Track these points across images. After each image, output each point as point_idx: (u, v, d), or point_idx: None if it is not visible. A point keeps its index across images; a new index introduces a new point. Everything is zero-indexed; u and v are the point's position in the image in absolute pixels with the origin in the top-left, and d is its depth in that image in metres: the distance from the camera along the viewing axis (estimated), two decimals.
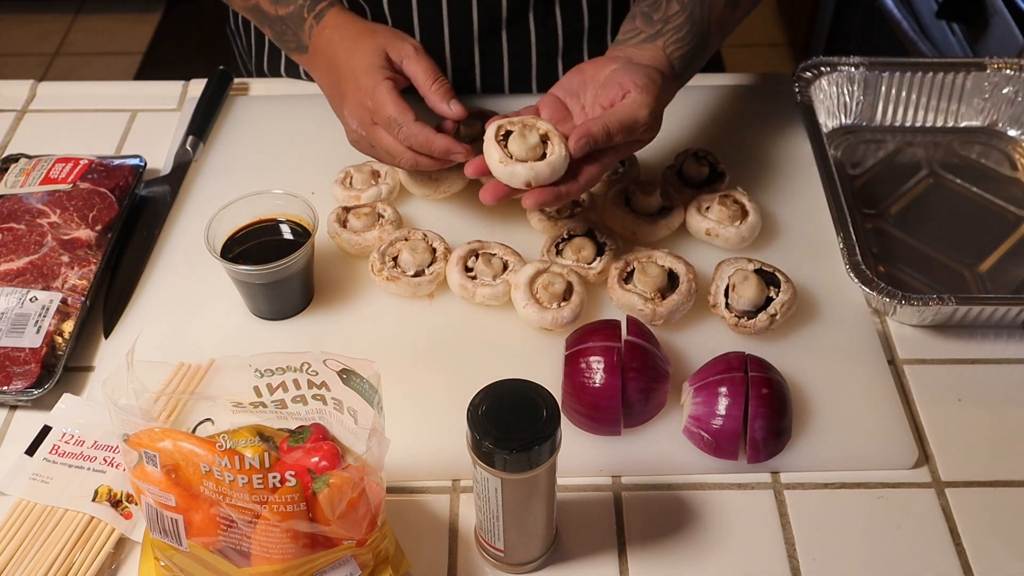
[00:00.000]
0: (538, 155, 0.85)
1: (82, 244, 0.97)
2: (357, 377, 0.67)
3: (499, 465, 0.66)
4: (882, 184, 1.09)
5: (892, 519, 0.79)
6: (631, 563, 0.76)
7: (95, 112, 1.18)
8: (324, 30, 0.94)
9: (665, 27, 0.92)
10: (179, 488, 0.65)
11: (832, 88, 1.12)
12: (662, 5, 0.93)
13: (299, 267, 0.89)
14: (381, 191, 1.01)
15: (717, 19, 0.94)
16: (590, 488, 0.81)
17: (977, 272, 0.99)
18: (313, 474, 0.65)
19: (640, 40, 0.93)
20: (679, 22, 0.92)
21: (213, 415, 0.71)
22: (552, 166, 0.84)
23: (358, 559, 0.68)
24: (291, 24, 0.96)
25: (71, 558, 0.75)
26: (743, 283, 0.89)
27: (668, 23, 0.92)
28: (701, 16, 0.93)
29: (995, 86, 1.12)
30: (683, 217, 0.99)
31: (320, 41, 0.94)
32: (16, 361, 0.87)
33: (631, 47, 0.93)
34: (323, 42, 0.94)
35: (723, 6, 0.94)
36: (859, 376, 0.87)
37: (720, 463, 0.81)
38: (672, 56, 0.92)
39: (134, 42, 3.06)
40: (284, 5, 0.96)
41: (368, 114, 0.90)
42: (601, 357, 0.80)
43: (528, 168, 0.84)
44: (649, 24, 0.93)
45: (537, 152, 0.85)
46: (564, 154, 0.84)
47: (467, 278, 0.92)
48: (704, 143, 1.08)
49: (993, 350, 0.91)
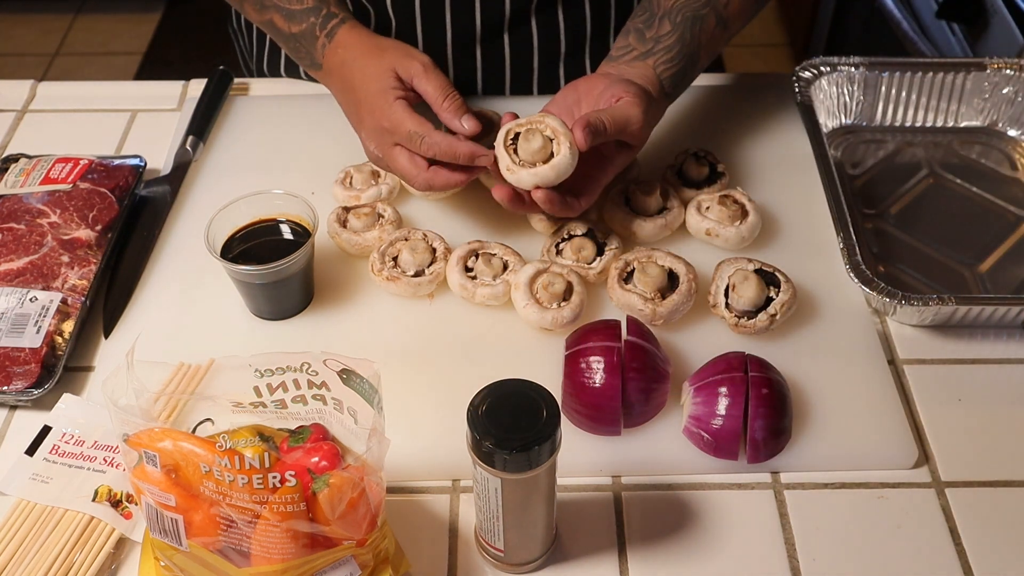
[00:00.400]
0: (546, 156, 0.86)
1: (82, 244, 0.97)
2: (357, 377, 0.67)
3: (499, 465, 0.66)
4: (882, 184, 1.09)
5: (892, 519, 0.79)
6: (631, 563, 0.76)
7: (95, 112, 1.18)
8: (337, 49, 0.94)
9: (656, 46, 0.94)
10: (179, 488, 0.65)
11: (832, 88, 1.12)
12: (655, 23, 0.95)
13: (299, 267, 0.89)
14: (381, 191, 1.01)
15: (707, 39, 0.96)
16: (590, 488, 0.81)
17: (977, 272, 0.99)
18: (313, 474, 0.65)
19: (632, 58, 0.95)
20: (669, 43, 0.94)
21: (213, 415, 0.71)
22: (556, 168, 0.86)
23: (358, 559, 0.68)
24: (304, 42, 0.96)
25: (71, 558, 0.75)
26: (743, 283, 0.89)
27: (659, 43, 0.94)
28: (692, 37, 0.95)
29: (995, 86, 1.12)
30: (683, 217, 0.99)
31: (333, 60, 0.95)
32: (16, 361, 0.87)
33: (623, 64, 0.95)
34: (336, 61, 0.95)
35: (713, 27, 0.96)
36: (859, 376, 0.87)
37: (720, 463, 0.81)
38: (662, 76, 0.94)
39: (134, 42, 3.06)
40: (297, 22, 0.96)
41: (386, 136, 0.90)
42: (601, 357, 0.80)
43: (531, 174, 0.86)
44: (641, 42, 0.95)
45: (544, 153, 0.86)
46: (569, 154, 0.85)
47: (467, 278, 0.92)
48: (704, 143, 1.08)
49: (993, 350, 0.91)
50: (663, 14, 0.95)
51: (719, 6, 0.96)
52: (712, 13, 0.96)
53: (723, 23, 0.97)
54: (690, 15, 0.95)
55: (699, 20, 0.95)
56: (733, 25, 0.98)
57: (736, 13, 0.98)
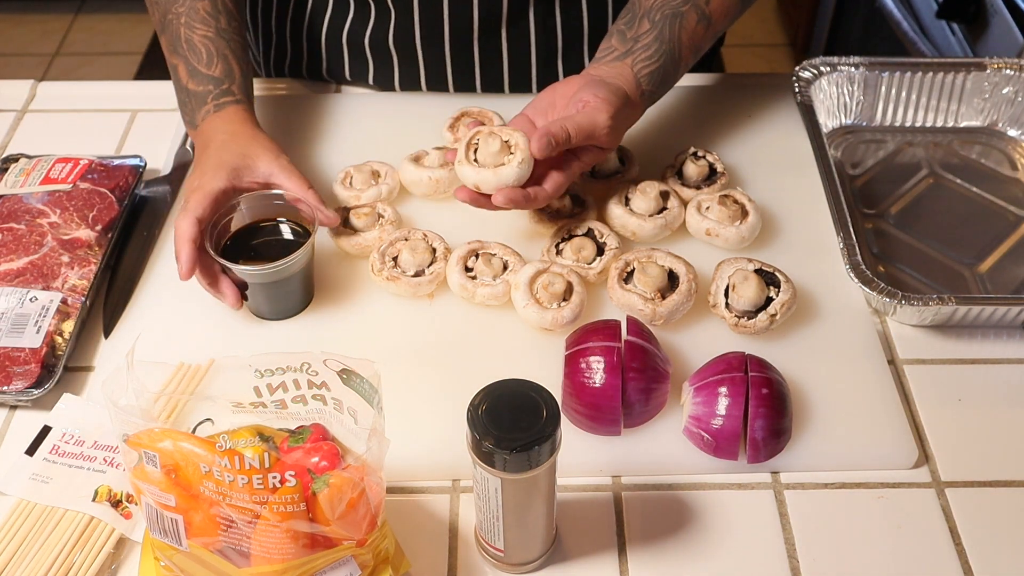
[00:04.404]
0: (501, 161, 0.88)
1: (82, 244, 0.97)
2: (357, 377, 0.67)
3: (499, 465, 0.66)
4: (882, 184, 1.09)
5: (892, 519, 0.79)
6: (631, 563, 0.76)
7: (95, 112, 1.18)
8: (216, 118, 0.96)
9: (635, 45, 0.95)
10: (179, 488, 0.65)
11: (832, 88, 1.12)
12: (635, 23, 0.96)
13: (299, 267, 0.89)
14: (381, 191, 1.01)
15: (688, 37, 0.96)
16: (590, 488, 0.81)
17: (977, 272, 0.99)
18: (313, 474, 0.65)
19: (612, 58, 0.95)
20: (648, 40, 0.94)
21: (213, 415, 0.71)
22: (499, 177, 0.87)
23: (358, 559, 0.68)
24: (194, 101, 0.97)
25: (71, 558, 0.75)
26: (743, 283, 0.89)
27: (638, 41, 0.95)
28: (671, 35, 0.95)
29: (995, 86, 1.12)
30: (683, 217, 0.99)
31: (206, 125, 0.96)
32: (16, 361, 0.87)
33: (603, 65, 0.95)
34: (208, 127, 0.96)
35: (695, 24, 0.96)
36: (859, 376, 0.87)
37: (720, 463, 0.81)
38: (639, 74, 0.94)
39: (134, 42, 3.06)
40: (196, 82, 0.97)
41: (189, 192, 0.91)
42: (601, 357, 0.80)
43: (475, 172, 0.88)
44: (622, 42, 0.95)
45: (500, 158, 0.88)
46: (522, 160, 0.87)
47: (467, 278, 0.92)
48: (704, 143, 1.08)
49: (993, 350, 0.91)
50: (643, 13, 0.96)
51: (700, 3, 0.96)
52: (693, 10, 0.96)
53: (706, 20, 0.97)
54: (669, 13, 0.95)
55: (679, 17, 0.95)
56: (718, 22, 0.98)
57: (719, 10, 0.97)
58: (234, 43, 0.99)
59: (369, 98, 1.18)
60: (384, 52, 1.13)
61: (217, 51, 0.97)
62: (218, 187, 0.89)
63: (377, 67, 1.15)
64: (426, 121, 1.11)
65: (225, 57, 0.97)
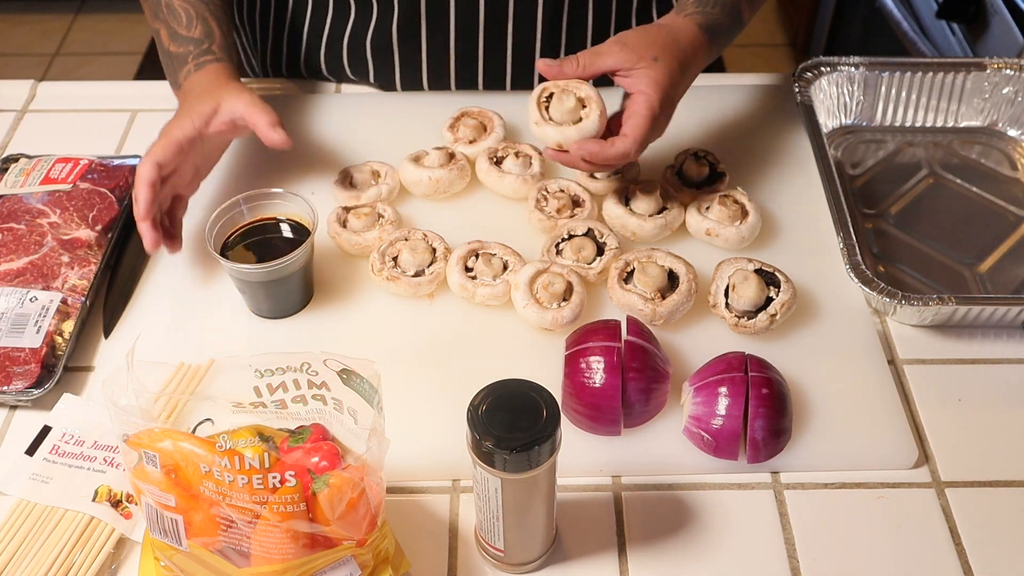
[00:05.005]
0: (576, 118, 0.89)
1: (82, 244, 0.97)
2: (357, 377, 0.67)
3: (499, 465, 0.66)
4: (882, 184, 1.09)
5: (892, 519, 0.79)
6: (631, 563, 0.76)
7: (95, 112, 1.18)
8: (196, 76, 0.98)
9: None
10: (179, 488, 0.65)
11: (832, 88, 1.12)
12: None
13: (299, 266, 0.89)
14: (381, 191, 1.01)
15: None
16: (590, 488, 0.81)
17: (977, 272, 0.99)
18: (313, 474, 0.65)
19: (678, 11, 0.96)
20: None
21: (213, 415, 0.71)
22: (581, 132, 0.88)
23: (358, 559, 0.68)
24: (176, 63, 1.00)
25: (71, 558, 0.75)
26: (743, 283, 0.89)
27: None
28: None
29: (995, 86, 1.12)
30: (683, 217, 0.99)
31: (187, 83, 0.98)
32: (16, 361, 0.87)
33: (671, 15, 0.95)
34: (188, 84, 0.98)
35: None
36: (859, 376, 0.87)
37: (720, 463, 0.81)
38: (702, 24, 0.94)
39: (134, 42, 3.06)
40: (177, 44, 1.00)
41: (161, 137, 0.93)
42: (601, 357, 0.80)
43: (558, 131, 0.88)
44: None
45: (575, 115, 0.89)
46: (597, 120, 0.88)
47: (467, 278, 0.92)
48: (704, 143, 1.08)
49: (993, 350, 0.91)
50: None
51: None
52: None
53: None
54: None
55: None
56: None
57: None
58: (213, 5, 1.01)
59: (369, 98, 1.18)
60: (386, 49, 1.13)
61: (197, 14, 1.00)
62: (182, 134, 0.91)
63: (378, 67, 1.15)
64: (426, 121, 1.11)
65: (204, 19, 1.00)
